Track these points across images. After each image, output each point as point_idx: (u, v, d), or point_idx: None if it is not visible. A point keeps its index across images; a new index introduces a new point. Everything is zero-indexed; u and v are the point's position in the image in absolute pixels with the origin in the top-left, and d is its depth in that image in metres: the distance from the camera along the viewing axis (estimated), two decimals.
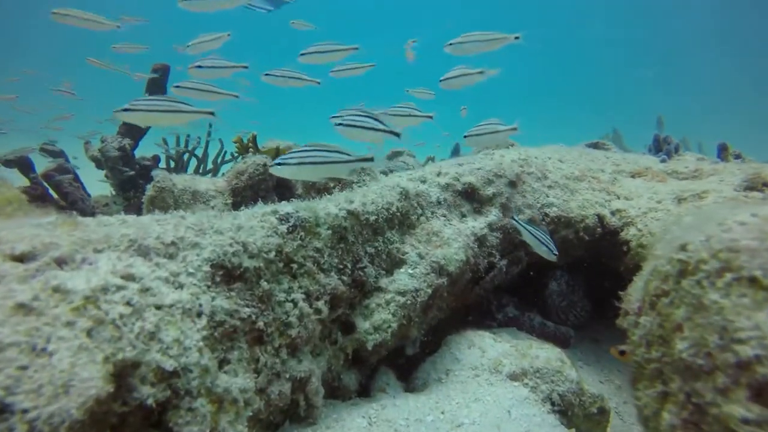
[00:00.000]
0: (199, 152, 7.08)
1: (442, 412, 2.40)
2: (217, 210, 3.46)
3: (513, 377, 2.63)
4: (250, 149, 4.44)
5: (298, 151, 2.63)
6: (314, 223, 2.27)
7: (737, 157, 5.22)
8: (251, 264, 1.98)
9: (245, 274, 1.97)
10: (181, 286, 1.78)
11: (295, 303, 2.13)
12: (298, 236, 2.19)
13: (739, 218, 1.47)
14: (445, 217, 3.10)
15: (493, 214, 3.27)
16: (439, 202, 3.16)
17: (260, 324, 1.97)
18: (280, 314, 2.07)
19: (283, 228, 2.15)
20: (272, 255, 2.05)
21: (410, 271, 2.60)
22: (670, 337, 1.43)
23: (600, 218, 3.52)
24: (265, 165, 3.80)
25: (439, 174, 3.34)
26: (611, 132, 13.21)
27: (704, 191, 3.47)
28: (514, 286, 3.88)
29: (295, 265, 2.17)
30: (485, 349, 2.85)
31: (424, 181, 3.26)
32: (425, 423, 2.27)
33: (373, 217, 2.53)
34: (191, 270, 1.82)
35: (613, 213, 3.57)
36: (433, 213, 3.08)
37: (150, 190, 3.45)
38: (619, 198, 3.72)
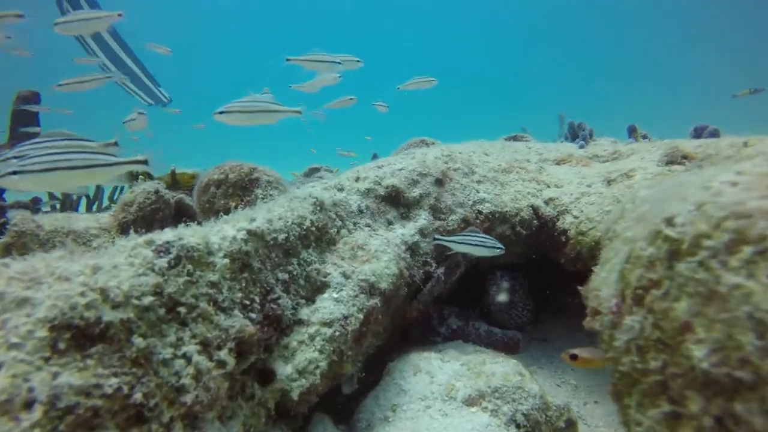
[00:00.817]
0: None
1: None
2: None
3: (469, 402, 2.26)
4: (141, 177, 3.81)
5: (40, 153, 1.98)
6: (205, 251, 1.77)
7: (644, 137, 5.28)
8: (115, 317, 1.45)
9: (108, 331, 1.43)
10: None
11: (188, 358, 1.61)
12: (185, 270, 1.69)
13: (724, 179, 1.19)
14: (369, 227, 2.70)
15: (422, 218, 2.91)
16: (360, 211, 2.75)
17: (138, 396, 1.44)
18: (168, 377, 1.55)
19: (162, 262, 1.64)
20: (148, 300, 1.53)
21: (335, 295, 2.16)
22: (676, 341, 1.10)
23: (534, 209, 3.28)
24: (157, 192, 3.22)
25: (357, 179, 2.95)
26: (521, 131, 13.59)
27: (631, 170, 3.34)
28: (454, 294, 3.55)
29: (183, 309, 1.65)
30: (433, 374, 2.46)
31: (341, 189, 2.85)
32: None
33: (282, 236, 2.07)
34: (14, 340, 1.27)
35: (546, 202, 3.34)
36: (355, 224, 2.67)
37: (6, 236, 2.76)
38: (549, 186, 3.51)
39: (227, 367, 1.70)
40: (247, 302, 1.86)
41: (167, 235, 1.71)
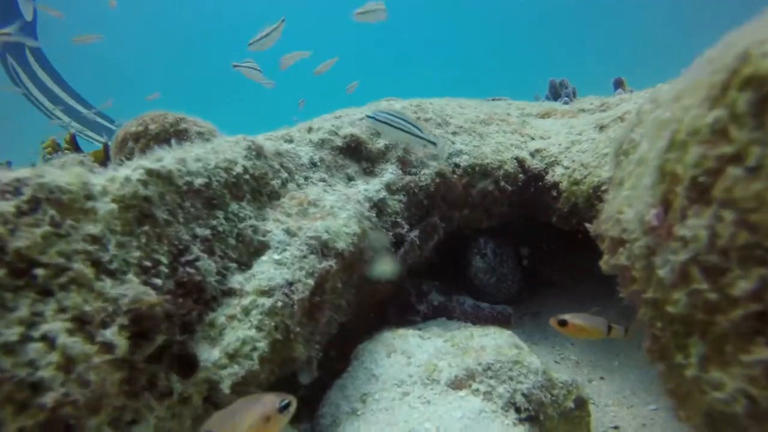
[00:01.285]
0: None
1: None
2: None
3: (456, 385, 1.80)
4: (66, 150, 3.28)
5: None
6: (80, 193, 1.27)
7: (632, 92, 4.91)
8: None
9: None
10: None
11: (49, 341, 1.12)
12: (46, 219, 1.19)
13: None
14: (324, 182, 2.23)
15: (389, 172, 2.44)
16: (314, 164, 2.28)
17: None
18: (14, 370, 1.06)
19: (6, 206, 1.14)
20: None
21: (276, 256, 1.68)
22: None
23: (519, 162, 2.84)
24: (82, 164, 2.68)
25: (310, 130, 2.47)
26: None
27: (625, 112, 2.93)
28: (433, 268, 3.10)
29: (44, 272, 1.16)
30: (411, 354, 2.00)
31: (290, 141, 2.37)
32: None
33: (200, 181, 1.58)
34: None
35: (532, 154, 2.91)
36: (306, 179, 2.19)
37: None
38: (534, 139, 3.08)
39: (117, 351, 1.21)
40: (149, 264, 1.37)
41: (22, 171, 1.21)
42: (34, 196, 1.18)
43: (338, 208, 2.03)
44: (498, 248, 3.23)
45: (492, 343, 1.88)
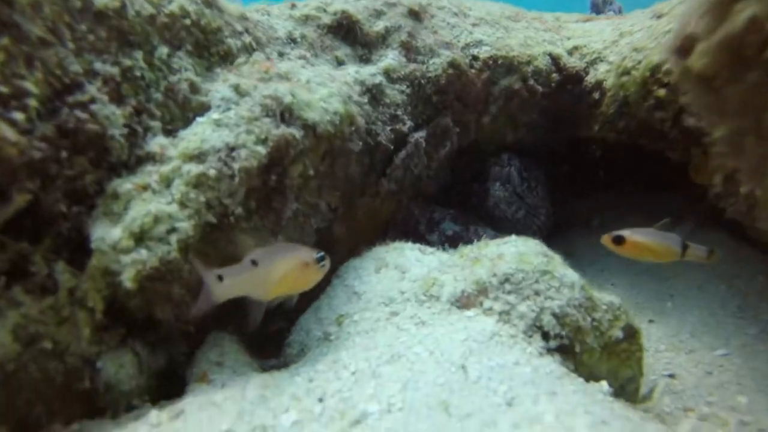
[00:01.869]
0: None
1: (321, 399, 1.08)
2: None
3: (463, 302, 1.35)
4: None
5: None
6: None
7: None
8: None
9: None
10: None
11: None
12: None
13: None
14: (305, 60, 1.76)
15: (390, 57, 1.96)
16: (292, 40, 1.81)
17: None
18: None
19: None
20: None
21: (216, 115, 1.23)
22: None
23: (554, 59, 2.31)
24: None
25: (293, 6, 1.99)
26: None
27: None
28: (447, 195, 2.62)
29: None
30: (407, 268, 1.54)
31: (268, 14, 1.90)
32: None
33: (105, 2, 1.13)
34: None
35: (570, 52, 2.38)
36: (281, 55, 1.72)
37: None
38: (571, 39, 2.53)
39: None
40: (7, 91, 0.94)
41: None
42: None
43: (317, 84, 1.57)
44: (526, 171, 2.72)
45: (512, 250, 1.40)
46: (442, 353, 1.15)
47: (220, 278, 1.09)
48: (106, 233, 1.05)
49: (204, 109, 1.28)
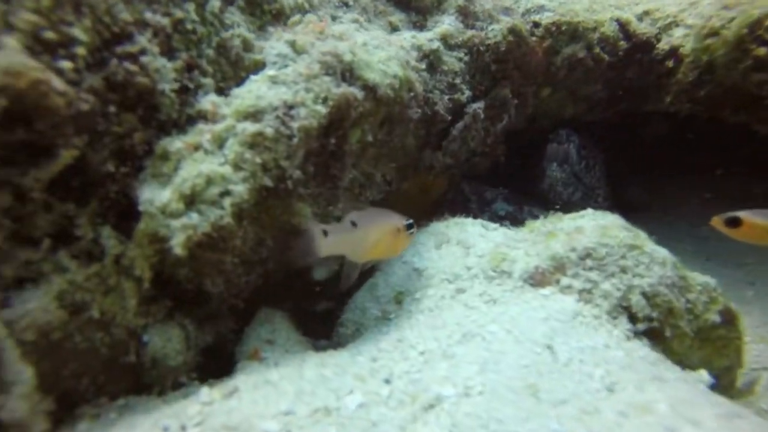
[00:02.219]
0: None
1: (387, 380, 0.97)
2: None
3: (537, 279, 1.22)
4: None
5: None
6: None
7: None
8: None
9: None
10: None
11: None
12: None
13: None
14: (357, 23, 1.65)
15: (447, 23, 1.83)
16: (345, 4, 1.69)
17: None
18: None
19: None
20: None
21: (271, 72, 1.14)
22: None
23: (622, 25, 2.13)
24: None
25: None
26: None
27: None
28: (498, 174, 2.47)
29: None
30: (471, 243, 1.42)
31: None
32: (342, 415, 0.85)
33: None
34: None
35: (640, 18, 2.18)
36: (334, 18, 1.62)
37: None
38: (640, 4, 2.33)
39: None
40: (54, 37, 0.86)
41: None
42: None
43: (374, 47, 1.45)
44: (584, 149, 2.54)
45: (592, 223, 1.26)
46: (522, 332, 1.02)
47: (325, 234, 1.12)
48: (155, 195, 0.97)
49: (258, 67, 1.19)
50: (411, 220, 1.26)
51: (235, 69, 1.17)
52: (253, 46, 1.21)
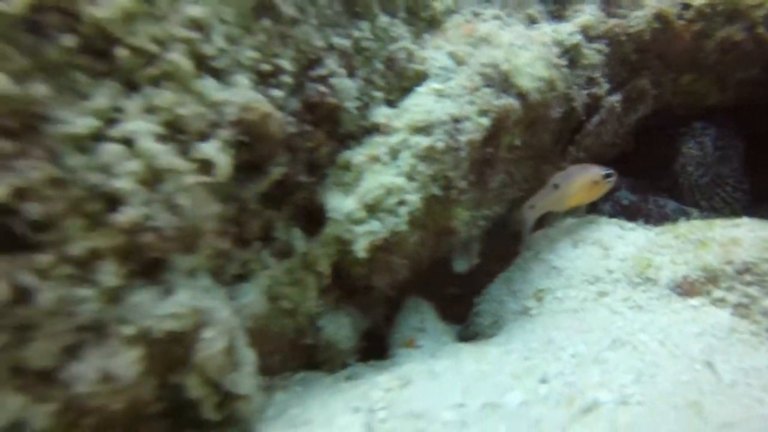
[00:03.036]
0: None
1: (543, 380, 1.06)
2: None
3: (686, 289, 1.23)
4: None
5: None
6: None
7: None
8: None
9: None
10: None
11: (130, 144, 0.81)
12: None
13: None
14: (499, 19, 1.66)
15: (588, 12, 1.79)
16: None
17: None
18: (83, 172, 0.77)
19: None
20: (22, 3, 0.73)
21: (437, 85, 1.22)
22: None
23: None
24: None
25: None
26: None
27: None
28: (622, 160, 2.40)
29: (128, 55, 0.84)
30: (609, 245, 1.45)
31: None
32: (509, 413, 0.95)
33: None
34: None
35: None
36: (476, 15, 1.65)
37: None
38: None
39: (217, 172, 0.87)
40: (268, 69, 1.00)
41: None
42: None
43: (519, 47, 1.48)
44: (720, 140, 2.40)
45: (750, 235, 1.24)
46: (677, 345, 1.06)
47: (532, 207, 1.48)
48: (341, 203, 1.10)
49: (419, 77, 1.27)
50: (610, 171, 1.54)
51: (400, 80, 1.27)
52: (415, 56, 1.29)
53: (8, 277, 0.70)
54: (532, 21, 1.79)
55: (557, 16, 1.85)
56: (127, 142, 0.82)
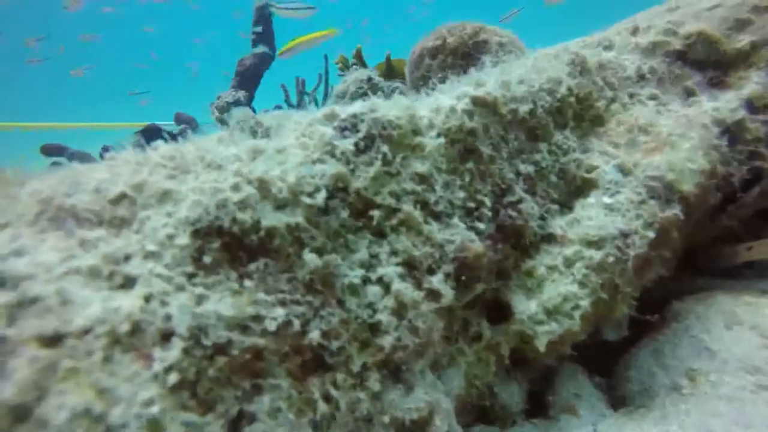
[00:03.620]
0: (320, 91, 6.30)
1: None
2: None
3: None
4: (355, 65, 3.45)
5: None
6: (409, 128, 1.17)
7: None
8: (280, 221, 0.99)
9: (270, 242, 0.99)
10: (128, 283, 0.88)
11: (385, 285, 1.10)
12: (379, 156, 1.13)
13: None
14: (655, 99, 1.76)
15: (754, 82, 1.80)
16: (641, 77, 1.81)
17: (315, 335, 1.00)
18: (357, 310, 1.07)
19: (347, 144, 1.10)
20: (322, 198, 1.03)
21: (607, 199, 1.38)
22: None
23: None
24: (369, 80, 2.78)
25: (635, 31, 1.96)
26: None
27: None
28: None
29: (378, 213, 1.12)
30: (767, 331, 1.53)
31: (609, 47, 1.92)
32: None
33: (525, 108, 1.34)
34: (151, 248, 0.90)
35: None
36: (632, 96, 1.75)
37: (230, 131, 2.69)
38: None
39: (443, 299, 1.15)
40: (473, 206, 1.24)
41: (355, 107, 1.16)
42: (369, 133, 1.12)
43: (678, 136, 1.58)
44: None
45: None
46: None
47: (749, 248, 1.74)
48: (525, 307, 1.33)
49: (588, 185, 1.44)
50: None
51: (569, 188, 1.45)
52: (582, 164, 1.47)
53: (322, 388, 1.02)
54: (689, 93, 1.85)
55: (715, 84, 1.89)
56: (382, 283, 1.11)
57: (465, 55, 1.93)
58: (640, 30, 1.94)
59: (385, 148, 1.12)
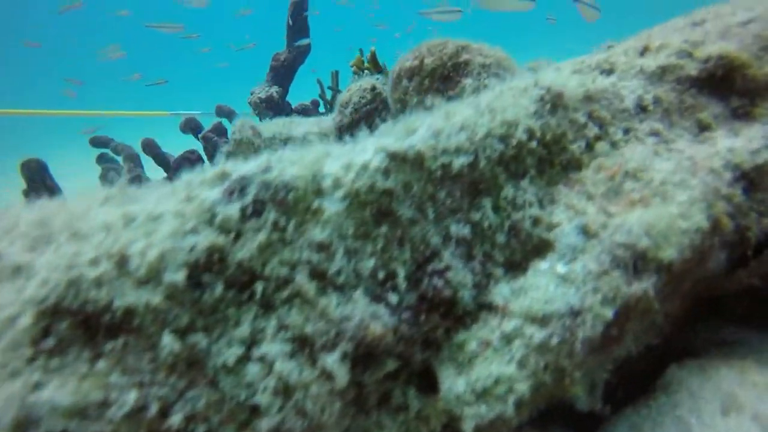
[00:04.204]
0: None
1: None
2: None
3: None
4: (366, 69, 3.31)
5: None
6: (309, 189, 1.06)
7: None
8: (139, 300, 0.92)
9: (130, 321, 0.92)
10: None
11: (267, 364, 1.01)
12: (268, 223, 1.03)
13: None
14: (656, 136, 1.50)
15: None
16: (642, 108, 1.56)
17: (176, 419, 0.93)
18: (233, 390, 0.98)
19: (231, 210, 1.01)
20: (182, 276, 0.95)
21: (561, 269, 1.19)
22: None
23: None
24: (373, 89, 2.65)
25: (644, 51, 1.69)
26: None
27: None
28: None
29: (261, 285, 1.02)
30: None
31: (609, 71, 1.67)
32: None
33: (461, 161, 1.17)
34: None
35: None
36: (627, 131, 1.51)
37: (229, 144, 2.69)
38: None
39: (337, 382, 1.03)
40: (383, 276, 1.11)
41: (248, 165, 1.06)
42: (258, 198, 1.02)
43: (674, 185, 1.34)
44: None
45: None
46: None
47: None
48: (453, 383, 1.18)
49: (544, 246, 1.25)
50: None
51: (522, 248, 1.26)
52: (542, 221, 1.27)
53: None
54: (703, 128, 1.58)
55: (739, 115, 1.60)
56: (265, 362, 1.01)
57: (444, 78, 1.76)
58: (650, 49, 1.67)
59: (273, 215, 1.02)
